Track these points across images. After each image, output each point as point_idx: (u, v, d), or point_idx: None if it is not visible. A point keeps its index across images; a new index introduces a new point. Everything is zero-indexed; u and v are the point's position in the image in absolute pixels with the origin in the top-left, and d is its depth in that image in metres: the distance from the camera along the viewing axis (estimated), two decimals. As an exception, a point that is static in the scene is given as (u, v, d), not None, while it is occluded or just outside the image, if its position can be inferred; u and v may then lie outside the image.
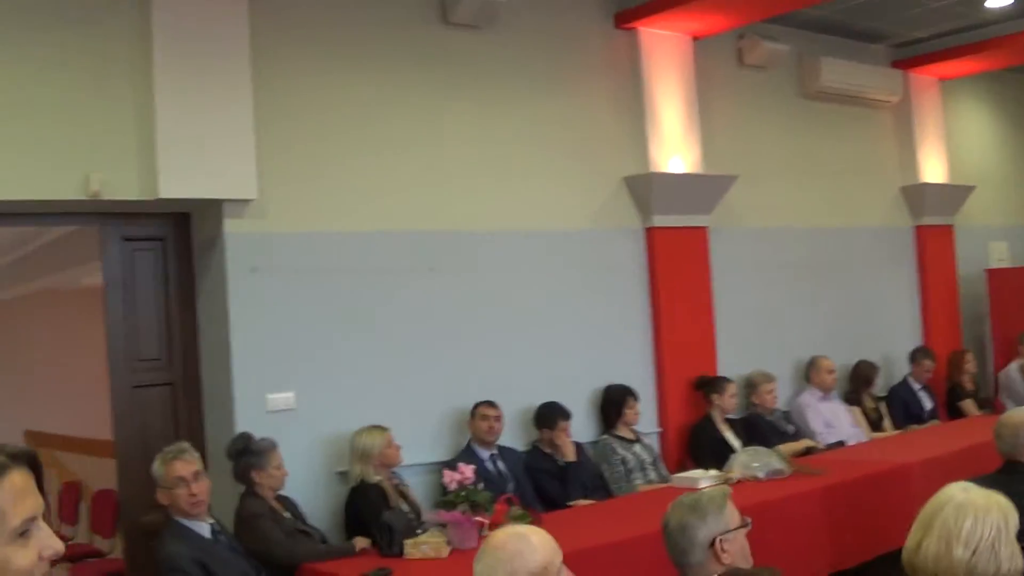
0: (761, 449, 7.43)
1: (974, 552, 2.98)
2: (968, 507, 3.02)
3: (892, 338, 10.47)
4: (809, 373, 9.34)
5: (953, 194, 10.99)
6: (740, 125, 9.19)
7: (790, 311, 9.51)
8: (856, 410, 9.52)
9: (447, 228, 7.23)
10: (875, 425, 9.60)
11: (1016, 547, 3.05)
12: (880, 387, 9.98)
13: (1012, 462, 5.07)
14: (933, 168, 10.81)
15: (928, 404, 10.06)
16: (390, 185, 6.99)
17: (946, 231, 11.00)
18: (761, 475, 7.04)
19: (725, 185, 8.62)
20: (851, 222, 10.15)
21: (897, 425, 9.74)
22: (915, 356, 10.21)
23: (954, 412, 10.29)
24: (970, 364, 10.51)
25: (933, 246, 10.87)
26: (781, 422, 8.84)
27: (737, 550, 3.63)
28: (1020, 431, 5.06)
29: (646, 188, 8.19)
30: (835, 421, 9.14)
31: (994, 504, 3.08)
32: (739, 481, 6.92)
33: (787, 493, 6.69)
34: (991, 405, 10.61)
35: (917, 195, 10.69)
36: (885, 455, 7.84)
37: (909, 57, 10.57)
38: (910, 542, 3.08)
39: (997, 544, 3.01)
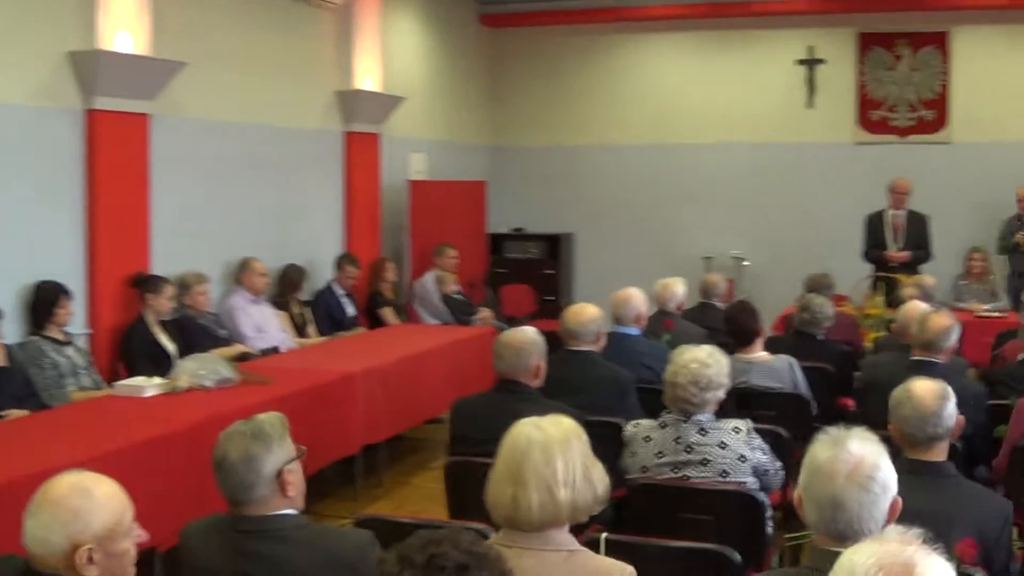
0: (208, 356, 7.02)
1: (574, 488, 2.86)
2: (552, 446, 2.91)
3: (318, 243, 10.38)
4: (240, 275, 8.99)
5: (384, 103, 11.04)
6: (191, 6, 8.56)
7: (224, 210, 9.09)
8: (283, 315, 9.32)
9: None
10: (300, 330, 9.47)
11: (599, 464, 2.98)
12: (305, 292, 9.85)
13: (510, 380, 5.09)
14: (367, 75, 10.78)
15: (351, 310, 10.08)
16: None
17: (373, 139, 11.04)
18: (210, 384, 6.64)
19: (173, 71, 8.00)
20: (288, 122, 9.88)
21: (321, 331, 9.66)
22: (340, 262, 10.18)
23: (374, 319, 10.39)
24: (390, 273, 10.66)
25: (360, 153, 10.87)
26: (213, 325, 8.44)
27: (299, 481, 3.28)
28: (522, 353, 5.09)
29: (91, 66, 7.39)
30: (265, 326, 8.89)
31: (569, 431, 2.99)
32: (188, 390, 6.50)
33: (241, 403, 6.33)
34: (406, 313, 10.86)
35: (350, 101, 10.62)
36: (325, 364, 7.72)
37: (355, -41, 10.42)
38: (500, 498, 2.91)
39: (587, 471, 2.92)
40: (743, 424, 4.70)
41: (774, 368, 6.46)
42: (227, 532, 3.22)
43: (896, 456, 4.03)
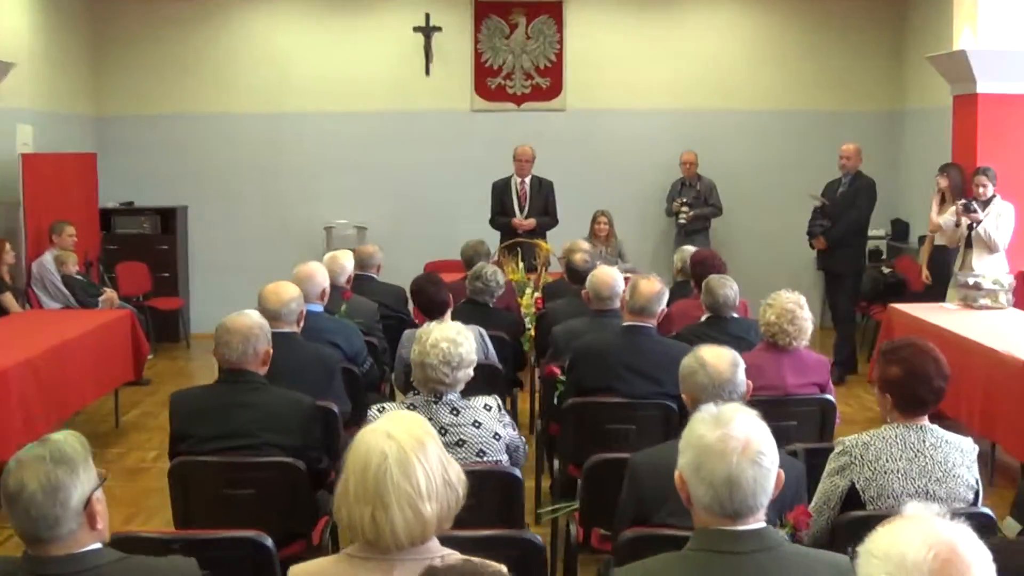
0: None
1: (438, 498, 2.64)
2: (409, 456, 2.61)
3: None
4: None
5: (-12, 69, 10.10)
6: None
7: None
8: None
9: None
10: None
11: (452, 459, 2.75)
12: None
13: (237, 370, 4.74)
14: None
15: (-32, 298, 9.20)
16: None
17: (-26, 109, 10.10)
18: None
19: None
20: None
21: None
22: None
23: (-8, 306, 9.51)
24: (9, 255, 9.78)
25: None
26: None
27: (105, 511, 2.88)
28: (250, 338, 4.75)
29: None
30: None
31: (420, 432, 2.70)
32: None
33: None
34: (26, 297, 10.05)
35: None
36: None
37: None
38: (358, 520, 2.60)
39: (446, 474, 2.69)
40: (492, 401, 4.64)
41: (466, 339, 6.41)
42: (29, 578, 2.78)
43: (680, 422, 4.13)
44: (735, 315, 6.54)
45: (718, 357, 4.00)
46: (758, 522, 2.72)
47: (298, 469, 4.57)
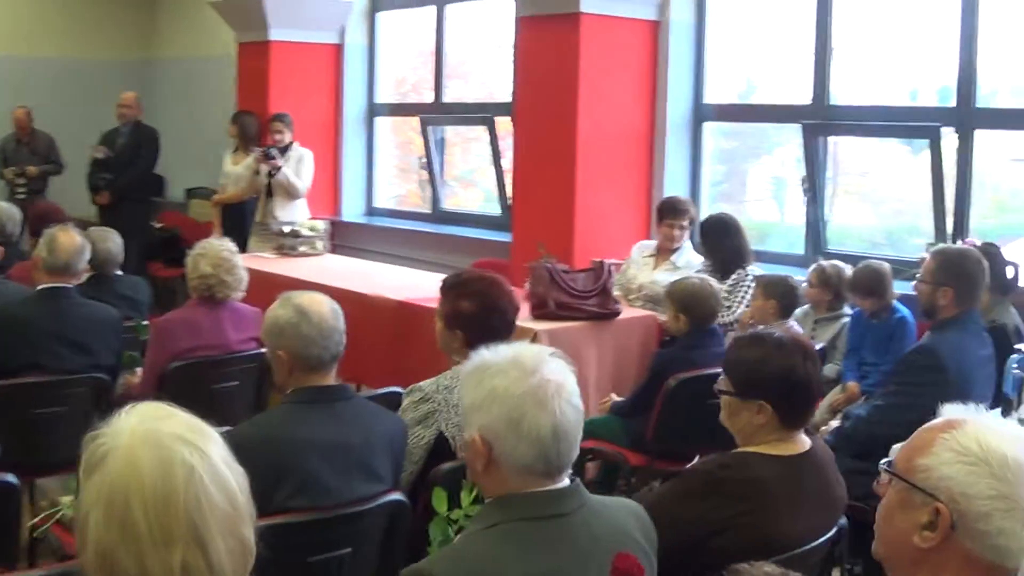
0: None
1: (248, 515, 1.75)
2: (217, 465, 1.72)
3: None
4: None
5: None
6: None
7: None
8: None
9: None
10: None
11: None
12: None
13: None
14: None
15: None
16: None
17: None
18: None
19: None
20: None
21: None
22: None
23: None
24: None
25: None
26: None
27: None
28: None
29: None
30: None
31: (202, 425, 1.77)
32: None
33: None
34: None
35: None
36: None
37: None
38: (160, 570, 1.64)
39: (240, 477, 1.79)
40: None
41: None
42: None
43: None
44: (119, 272, 5.97)
45: (316, 303, 3.43)
46: (568, 477, 2.41)
47: None
